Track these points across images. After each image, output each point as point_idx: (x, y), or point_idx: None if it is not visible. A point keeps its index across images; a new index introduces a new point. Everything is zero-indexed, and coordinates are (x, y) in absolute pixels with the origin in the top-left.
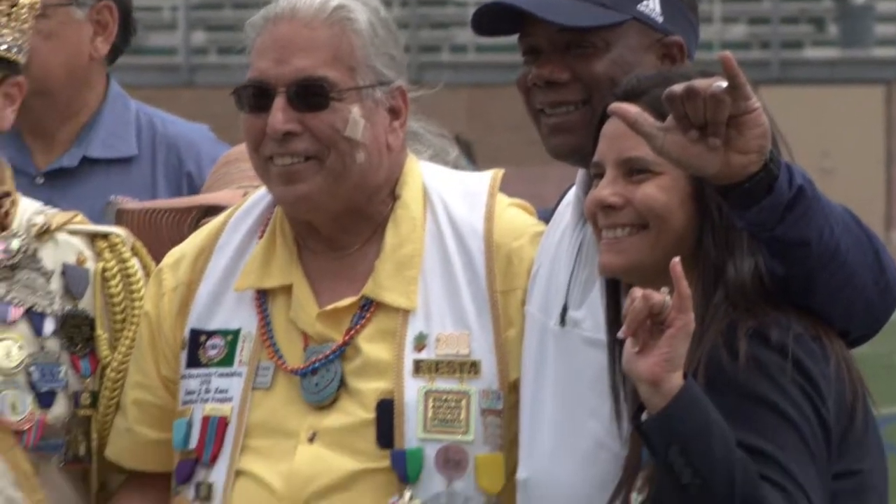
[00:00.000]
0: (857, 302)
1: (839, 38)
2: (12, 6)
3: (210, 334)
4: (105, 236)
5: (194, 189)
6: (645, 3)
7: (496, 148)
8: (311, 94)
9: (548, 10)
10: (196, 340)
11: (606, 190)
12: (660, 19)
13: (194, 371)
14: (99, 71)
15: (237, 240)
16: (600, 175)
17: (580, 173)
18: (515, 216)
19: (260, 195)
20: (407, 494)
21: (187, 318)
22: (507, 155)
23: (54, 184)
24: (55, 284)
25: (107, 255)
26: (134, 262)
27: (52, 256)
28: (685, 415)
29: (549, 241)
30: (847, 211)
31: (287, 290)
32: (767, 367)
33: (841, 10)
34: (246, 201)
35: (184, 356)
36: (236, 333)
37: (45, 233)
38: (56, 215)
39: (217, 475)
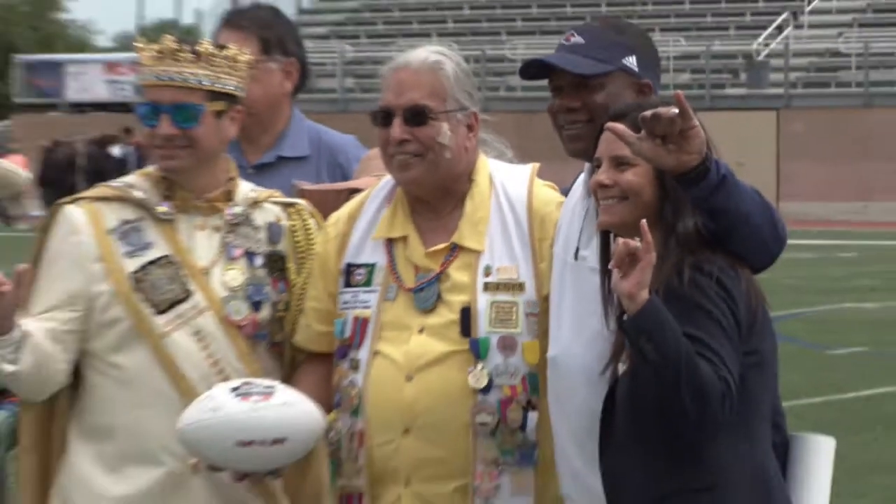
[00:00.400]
0: (760, 246)
1: (747, 81)
2: (235, 62)
3: (357, 266)
4: (293, 205)
5: (345, 178)
6: (628, 59)
7: (535, 150)
8: (417, 115)
9: (566, 63)
10: (349, 270)
11: (602, 175)
12: (636, 69)
13: (347, 290)
14: (287, 101)
15: (374, 207)
16: (599, 166)
17: (587, 166)
18: (546, 192)
19: (388, 180)
20: (479, 366)
21: (343, 256)
22: (542, 155)
23: (259, 173)
24: (262, 235)
25: (294, 217)
26: (311, 222)
27: (260, 218)
28: (650, 317)
29: (567, 207)
30: (754, 189)
31: (404, 238)
32: (701, 286)
33: (749, 64)
34: (379, 183)
35: (341, 280)
36: (373, 266)
37: (255, 203)
38: (263, 192)
39: (362, 354)
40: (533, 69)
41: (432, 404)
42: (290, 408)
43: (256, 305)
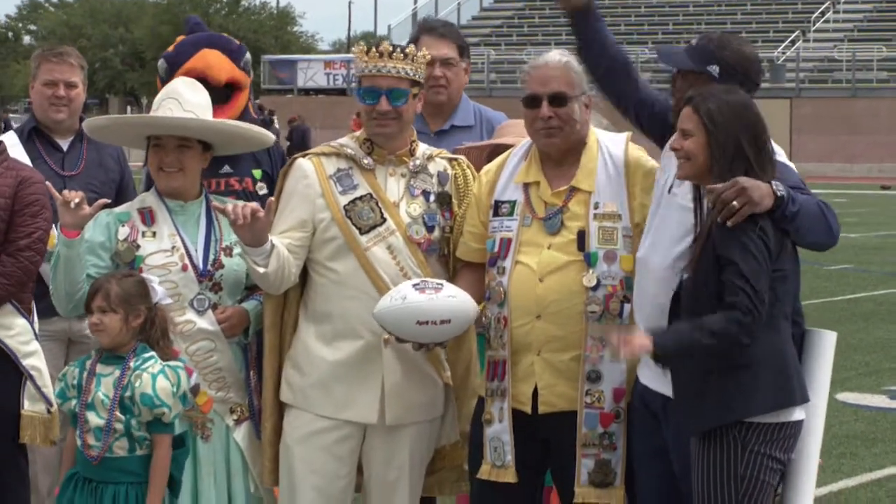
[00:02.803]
0: (816, 244)
1: (769, 78)
2: (422, 60)
3: (503, 202)
4: (456, 160)
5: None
6: (711, 66)
7: (623, 123)
8: (558, 99)
9: (668, 58)
10: (497, 205)
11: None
12: (717, 76)
13: (495, 218)
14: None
15: (514, 162)
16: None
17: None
18: (637, 152)
19: (526, 142)
20: (590, 271)
21: (492, 195)
22: (627, 126)
23: (438, 137)
24: (434, 180)
25: (456, 168)
26: (469, 171)
27: (433, 168)
28: (663, 351)
29: (666, 158)
30: (816, 201)
31: (537, 183)
32: (742, 226)
33: (770, 66)
34: (518, 144)
35: (491, 212)
36: (515, 202)
37: (430, 158)
38: (435, 150)
39: (507, 263)
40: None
41: (557, 297)
42: (453, 298)
43: (430, 229)
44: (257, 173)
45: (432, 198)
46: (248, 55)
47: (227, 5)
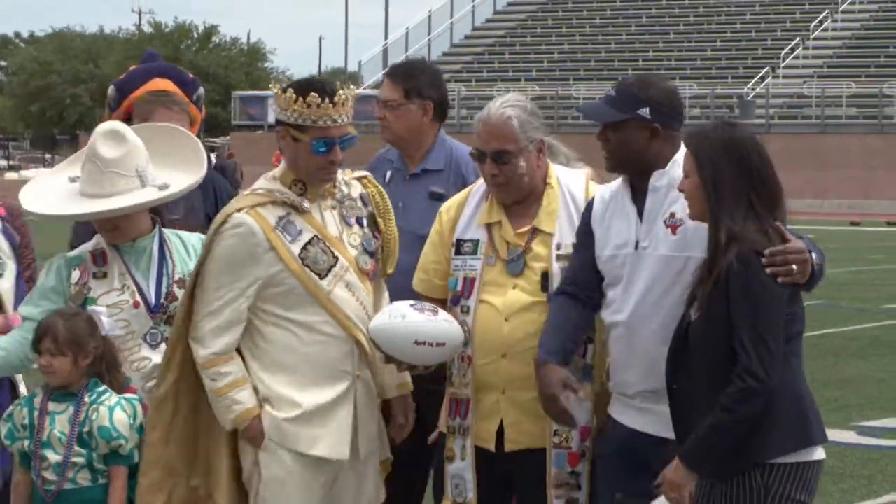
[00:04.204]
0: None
1: (740, 115)
2: (350, 101)
3: (465, 241)
4: (364, 177)
5: (464, 184)
6: (642, 109)
7: (593, 160)
8: (500, 157)
9: (595, 113)
10: (459, 243)
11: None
12: (648, 117)
13: (458, 257)
14: (431, 128)
15: (475, 201)
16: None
17: (622, 178)
18: (596, 189)
19: (483, 185)
20: None
21: (454, 232)
22: (599, 162)
23: (412, 180)
24: (360, 204)
25: (369, 185)
26: (380, 187)
27: (355, 192)
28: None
29: (605, 212)
30: (820, 254)
31: (499, 223)
32: (756, 270)
33: (741, 102)
34: (478, 183)
35: (452, 250)
36: (478, 241)
37: (346, 183)
38: (345, 173)
39: (471, 302)
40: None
41: (523, 337)
42: (450, 323)
43: (372, 255)
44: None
45: (364, 222)
46: (201, 90)
47: (198, 41)
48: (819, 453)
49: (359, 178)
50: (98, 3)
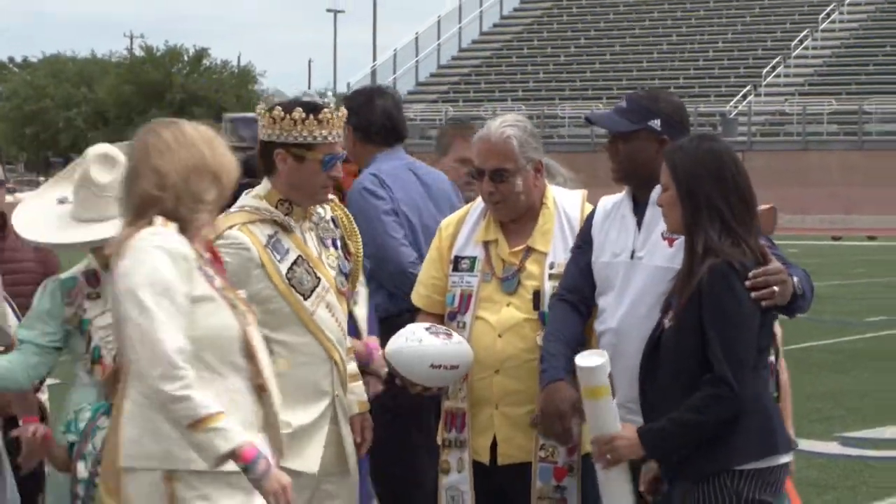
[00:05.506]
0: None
1: (722, 132)
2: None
3: (463, 258)
4: (332, 200)
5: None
6: (653, 121)
7: (578, 179)
8: (498, 175)
9: (607, 122)
10: (457, 260)
11: (659, 199)
12: (659, 129)
13: (455, 273)
14: (364, 150)
15: (474, 219)
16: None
17: (626, 189)
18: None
19: (481, 203)
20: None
21: (452, 250)
22: (583, 182)
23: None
24: (332, 226)
25: (336, 209)
26: (345, 209)
27: (327, 214)
28: (651, 450)
29: (605, 222)
30: (809, 282)
31: (496, 241)
32: (730, 284)
33: (723, 120)
34: (477, 201)
35: (450, 266)
36: (475, 258)
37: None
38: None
39: (467, 318)
40: (588, 122)
41: (515, 353)
42: (462, 345)
43: (346, 276)
44: None
45: (338, 243)
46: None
47: (189, 64)
48: (785, 457)
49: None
50: (89, 28)
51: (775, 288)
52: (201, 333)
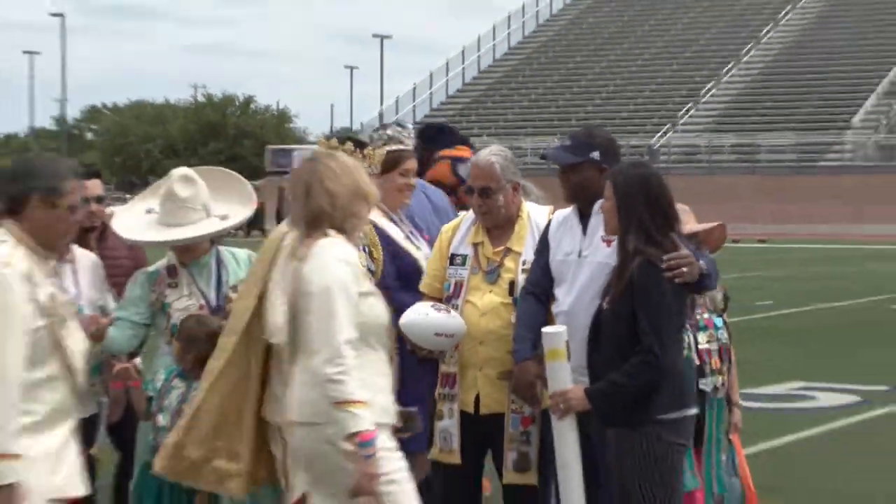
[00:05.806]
0: (707, 287)
1: (648, 160)
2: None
3: (457, 255)
4: None
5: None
6: (593, 153)
7: (549, 198)
8: (484, 192)
9: (556, 157)
10: (453, 257)
11: (601, 207)
12: (599, 160)
13: (451, 267)
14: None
15: (467, 225)
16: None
17: (573, 206)
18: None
19: (472, 214)
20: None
21: (450, 248)
22: (552, 201)
23: None
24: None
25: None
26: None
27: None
28: (597, 407)
29: (558, 230)
30: (714, 266)
31: (482, 243)
32: (655, 278)
33: (649, 151)
34: (467, 215)
35: (447, 260)
36: (466, 255)
37: None
38: None
39: (459, 301)
40: (544, 158)
41: (494, 328)
42: (459, 319)
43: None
44: None
45: (367, 249)
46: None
47: (240, 108)
48: (692, 410)
49: None
50: (164, 78)
51: (684, 269)
52: (366, 320)
